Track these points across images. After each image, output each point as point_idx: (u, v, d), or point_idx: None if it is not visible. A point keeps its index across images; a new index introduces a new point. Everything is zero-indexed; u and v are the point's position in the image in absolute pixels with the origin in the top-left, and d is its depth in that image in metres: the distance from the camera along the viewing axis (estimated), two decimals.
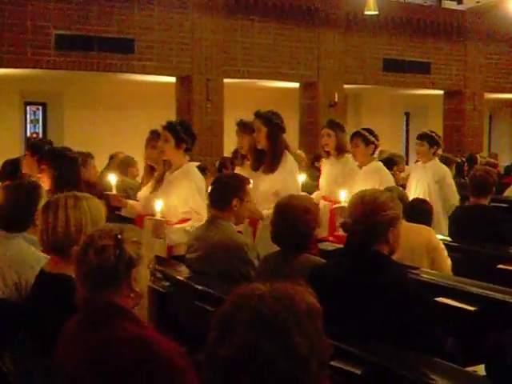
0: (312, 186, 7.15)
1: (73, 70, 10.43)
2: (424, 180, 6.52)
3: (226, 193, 4.11)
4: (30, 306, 2.89)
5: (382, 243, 3.01)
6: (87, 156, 7.04)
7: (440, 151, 7.24)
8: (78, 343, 2.24)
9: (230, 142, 10.15)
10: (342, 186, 5.67)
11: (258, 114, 5.45)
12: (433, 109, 15.41)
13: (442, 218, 6.15)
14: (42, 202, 3.24)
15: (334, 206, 5.54)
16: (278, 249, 3.68)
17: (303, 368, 1.49)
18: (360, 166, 6.07)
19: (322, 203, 5.89)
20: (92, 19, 10.33)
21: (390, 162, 8.04)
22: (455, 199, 6.41)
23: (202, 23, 11.06)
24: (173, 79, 11.31)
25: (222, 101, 11.26)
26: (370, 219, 3.00)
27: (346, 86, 12.58)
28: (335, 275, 3.09)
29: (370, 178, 5.89)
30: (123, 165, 7.62)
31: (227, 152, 9.90)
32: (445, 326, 3.58)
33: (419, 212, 4.83)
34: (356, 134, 6.14)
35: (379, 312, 2.88)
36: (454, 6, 14.11)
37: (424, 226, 4.60)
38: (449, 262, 4.60)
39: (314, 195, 5.93)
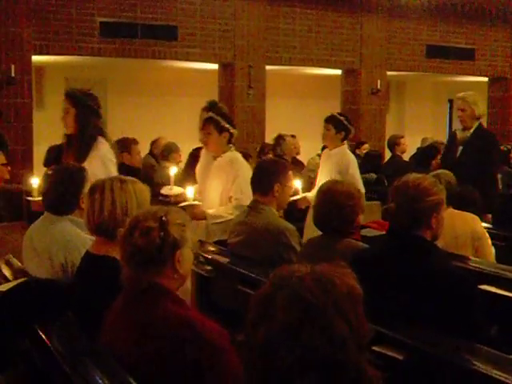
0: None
1: (117, 57, 10.52)
2: (327, 168, 6.09)
3: (267, 178, 4.12)
4: (76, 287, 2.95)
5: (424, 229, 3.00)
6: (131, 142, 7.13)
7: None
8: (123, 323, 2.29)
9: (272, 129, 10.18)
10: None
11: (67, 94, 4.83)
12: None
13: None
14: (88, 184, 3.30)
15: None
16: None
17: (342, 351, 1.49)
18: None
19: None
20: (136, 6, 10.41)
21: (434, 150, 7.98)
22: None
23: (244, 10, 11.05)
24: (215, 66, 11.34)
25: (263, 88, 11.26)
26: (414, 205, 2.99)
27: (388, 73, 12.46)
28: (377, 260, 3.09)
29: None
30: (166, 151, 7.69)
31: (269, 139, 9.93)
32: (488, 314, 3.57)
33: (467, 200, 4.79)
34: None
35: (422, 298, 2.88)
36: None
37: (470, 213, 4.55)
38: (493, 250, 4.56)
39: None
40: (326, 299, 1.51)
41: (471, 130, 6.10)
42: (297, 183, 5.42)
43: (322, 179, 5.73)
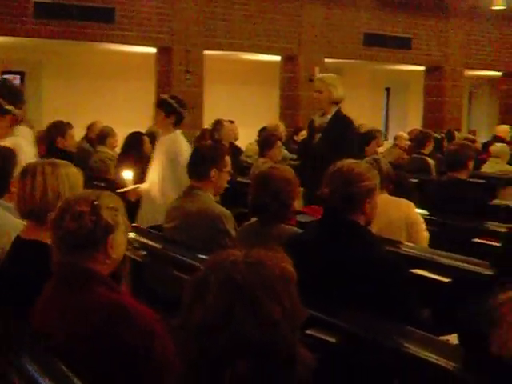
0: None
1: (52, 39, 10.30)
2: (158, 157, 5.40)
3: (203, 163, 4.10)
4: (5, 272, 2.88)
5: (358, 214, 3.04)
6: (66, 126, 7.00)
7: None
8: (54, 308, 2.24)
9: (210, 115, 10.13)
10: None
11: None
12: (414, 84, 15.43)
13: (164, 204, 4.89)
14: (18, 168, 3.21)
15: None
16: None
17: (274, 333, 1.50)
18: None
19: None
20: None
21: (369, 136, 8.08)
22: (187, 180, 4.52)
23: None
24: (153, 50, 11.22)
25: (201, 73, 11.19)
26: (347, 190, 3.02)
27: (326, 60, 12.54)
28: (311, 244, 3.11)
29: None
30: (102, 135, 7.57)
31: (207, 124, 9.88)
32: (421, 297, 3.64)
33: (402, 186, 4.87)
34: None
35: (355, 282, 2.91)
36: None
37: (404, 199, 4.61)
38: (426, 235, 4.64)
39: None
40: (257, 282, 1.52)
41: (329, 116, 5.69)
42: (127, 175, 5.31)
43: (153, 168, 5.38)
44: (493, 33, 14.37)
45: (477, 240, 4.69)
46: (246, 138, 9.75)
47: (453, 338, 2.75)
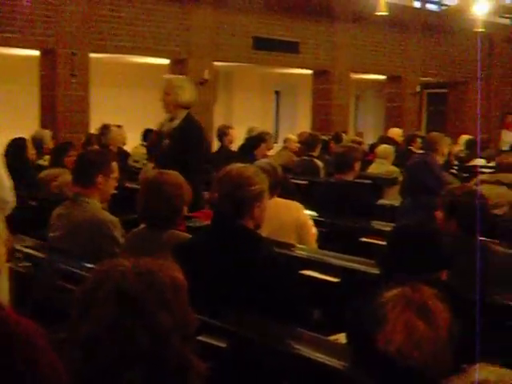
0: None
1: None
2: None
3: (89, 169, 3.99)
4: None
5: (247, 218, 3.04)
6: None
7: None
8: None
9: (97, 119, 9.92)
10: None
11: None
12: (302, 88, 15.70)
13: None
14: None
15: None
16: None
17: (166, 343, 1.49)
18: None
19: None
20: None
21: (259, 139, 8.14)
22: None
23: None
24: (36, 53, 10.87)
25: (87, 76, 10.92)
26: (236, 194, 3.01)
27: (216, 64, 12.55)
28: (202, 250, 3.09)
29: None
30: None
31: (93, 128, 9.67)
32: (311, 298, 3.69)
33: (290, 189, 4.93)
34: None
35: (246, 286, 2.91)
36: None
37: (294, 202, 4.67)
38: (315, 236, 4.71)
39: None
40: (148, 292, 1.50)
41: (177, 121, 5.40)
42: None
43: None
44: (377, 38, 14.83)
45: (364, 239, 4.80)
46: (134, 143, 9.61)
47: (342, 338, 2.80)
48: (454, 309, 2.36)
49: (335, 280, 3.76)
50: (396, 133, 10.92)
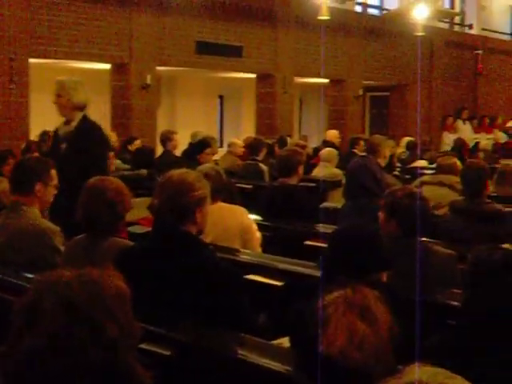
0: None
1: None
2: None
3: (28, 177, 3.91)
4: None
5: (189, 224, 3.02)
6: None
7: None
8: None
9: (37, 125, 9.74)
10: None
11: None
12: (246, 92, 15.72)
13: None
14: None
15: None
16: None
17: (113, 353, 1.47)
18: None
19: None
20: None
21: (203, 144, 8.11)
22: None
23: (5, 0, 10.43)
24: None
25: (26, 82, 10.70)
26: (178, 200, 2.99)
27: (159, 68, 12.46)
28: (144, 257, 3.06)
29: None
30: None
31: (33, 135, 9.49)
32: (256, 303, 3.68)
33: (234, 193, 4.92)
34: None
35: (189, 292, 2.89)
36: None
37: (238, 207, 4.66)
38: (259, 241, 4.71)
39: None
40: (93, 301, 1.49)
41: (74, 123, 5.17)
42: None
43: None
44: (320, 42, 14.94)
45: (308, 243, 4.83)
46: None
47: (285, 341, 2.80)
48: (394, 309, 2.38)
49: (279, 284, 3.77)
50: (333, 135, 11.01)
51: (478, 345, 2.37)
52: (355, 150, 9.85)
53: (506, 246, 3.07)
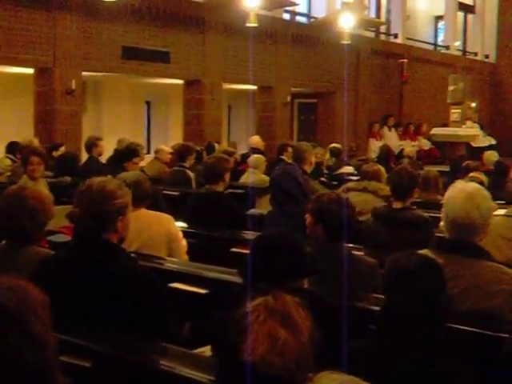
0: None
1: None
2: None
3: None
4: None
5: (110, 232, 2.98)
6: None
7: None
8: None
9: None
10: None
11: None
12: (174, 98, 15.63)
13: None
14: None
15: None
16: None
17: (44, 358, 1.48)
18: None
19: None
20: None
21: (129, 151, 7.99)
22: None
23: None
24: None
25: None
26: (98, 208, 2.95)
27: (85, 73, 12.25)
28: (65, 266, 3.00)
29: None
30: None
31: None
32: (182, 311, 3.65)
33: (157, 200, 4.87)
34: None
35: (111, 302, 2.84)
36: None
37: (165, 214, 4.62)
38: (185, 248, 4.68)
39: None
40: (24, 306, 1.50)
41: None
42: None
43: None
44: (248, 48, 14.97)
45: (234, 250, 4.82)
46: None
47: (207, 350, 2.78)
48: (317, 315, 2.40)
49: (204, 292, 3.75)
50: (256, 141, 11.02)
51: (395, 348, 2.40)
52: (283, 157, 9.90)
53: (424, 251, 3.12)
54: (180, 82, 14.43)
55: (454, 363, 2.37)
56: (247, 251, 4.49)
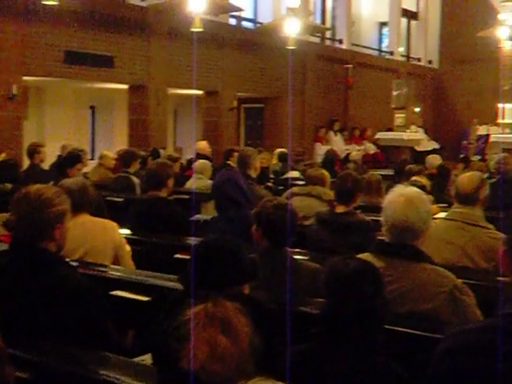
0: None
1: None
2: None
3: None
4: None
5: (48, 241, 2.93)
6: None
7: None
8: None
9: None
10: None
11: None
12: (118, 103, 15.49)
13: None
14: None
15: None
16: None
17: None
18: None
19: None
20: None
21: (75, 159, 7.88)
22: None
23: None
24: None
25: None
26: (36, 216, 2.89)
27: (26, 78, 12.03)
28: (1, 275, 2.93)
29: None
30: None
31: None
32: (125, 319, 3.60)
33: (100, 206, 4.81)
34: None
35: (49, 311, 2.79)
36: (137, 1, 14.24)
37: (109, 221, 4.57)
38: (130, 254, 4.64)
39: None
40: None
41: None
42: None
43: None
44: (193, 53, 14.94)
45: (178, 256, 4.79)
46: None
47: (148, 358, 2.75)
48: (258, 321, 2.39)
49: (146, 299, 3.71)
50: (203, 146, 10.95)
51: (334, 351, 2.42)
52: (230, 162, 9.88)
53: (365, 255, 3.15)
54: (125, 86, 14.30)
55: (391, 365, 2.39)
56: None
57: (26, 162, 9.50)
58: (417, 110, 19.71)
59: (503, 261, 1.86)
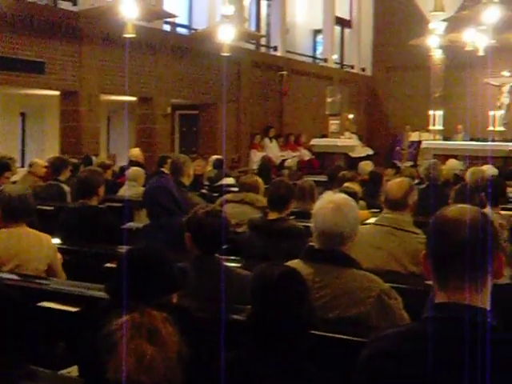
0: None
1: None
2: None
3: None
4: None
5: None
6: None
7: None
8: None
9: None
10: None
11: None
12: (50, 109, 15.19)
13: None
14: None
15: None
16: None
17: None
18: None
19: None
20: None
21: (2, 167, 7.69)
22: None
23: None
24: None
25: None
26: None
27: None
28: None
29: None
30: None
31: None
32: (54, 331, 3.53)
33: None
34: None
35: None
36: (69, 6, 14.01)
37: (42, 233, 4.49)
38: (61, 261, 4.57)
39: None
40: None
41: None
42: None
43: None
44: (126, 59, 14.77)
45: (108, 265, 4.71)
46: None
47: (74, 370, 2.70)
48: (186, 329, 2.37)
49: (74, 310, 3.64)
50: (136, 153, 10.82)
51: (261, 358, 2.42)
52: (163, 169, 9.79)
53: (295, 261, 3.17)
54: (56, 93, 14.04)
55: (316, 371, 2.41)
56: None
57: None
58: (350, 116, 20.02)
59: (424, 263, 1.90)
